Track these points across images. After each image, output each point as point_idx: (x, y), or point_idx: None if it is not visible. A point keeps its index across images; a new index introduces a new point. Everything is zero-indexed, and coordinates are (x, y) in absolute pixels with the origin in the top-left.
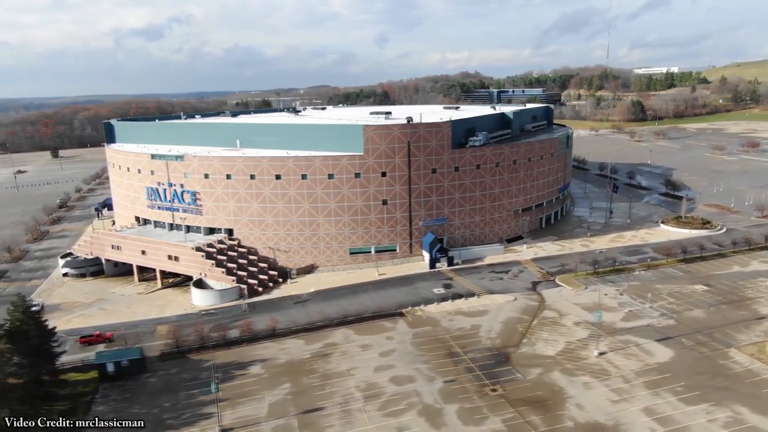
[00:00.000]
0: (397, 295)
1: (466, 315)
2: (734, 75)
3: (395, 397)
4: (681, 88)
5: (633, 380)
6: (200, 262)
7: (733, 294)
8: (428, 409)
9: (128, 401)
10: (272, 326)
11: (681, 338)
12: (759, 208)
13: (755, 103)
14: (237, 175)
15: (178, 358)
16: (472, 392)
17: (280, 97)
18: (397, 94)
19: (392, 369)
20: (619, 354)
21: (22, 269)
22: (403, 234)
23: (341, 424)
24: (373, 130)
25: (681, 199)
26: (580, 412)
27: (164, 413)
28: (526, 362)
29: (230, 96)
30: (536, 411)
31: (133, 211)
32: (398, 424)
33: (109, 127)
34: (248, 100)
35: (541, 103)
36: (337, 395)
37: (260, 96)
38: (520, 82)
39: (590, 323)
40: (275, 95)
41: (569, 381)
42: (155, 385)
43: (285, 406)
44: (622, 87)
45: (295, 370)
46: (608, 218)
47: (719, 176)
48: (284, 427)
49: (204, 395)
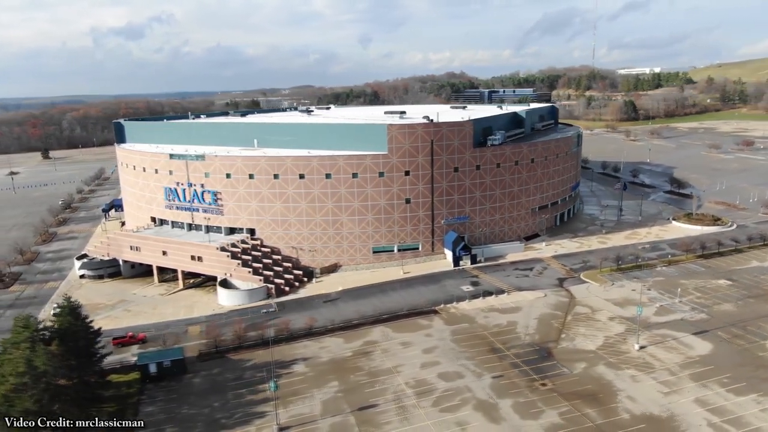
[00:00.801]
0: (427, 293)
1: (500, 312)
2: (717, 75)
3: (447, 393)
4: (668, 88)
5: (678, 373)
6: (225, 262)
7: (758, 288)
8: (483, 404)
9: (176, 402)
10: (309, 325)
11: (716, 331)
12: (765, 204)
13: (743, 103)
14: (260, 175)
15: (217, 358)
16: (523, 387)
17: (267, 97)
18: (386, 94)
19: (438, 365)
20: (660, 347)
21: (36, 271)
22: (425, 232)
23: (399, 421)
24: (397, 129)
25: (686, 197)
26: (633, 405)
27: (216, 413)
28: (569, 357)
29: (214, 96)
30: (589, 404)
31: (148, 211)
32: (456, 420)
33: (119, 126)
34: (236, 100)
35: (533, 102)
36: (388, 392)
37: (244, 96)
38: (509, 82)
39: (624, 318)
40: (261, 95)
41: (615, 374)
42: (200, 386)
43: (338, 403)
44: (609, 87)
45: (340, 368)
46: (620, 216)
47: (719, 174)
48: (341, 424)
49: (252, 395)
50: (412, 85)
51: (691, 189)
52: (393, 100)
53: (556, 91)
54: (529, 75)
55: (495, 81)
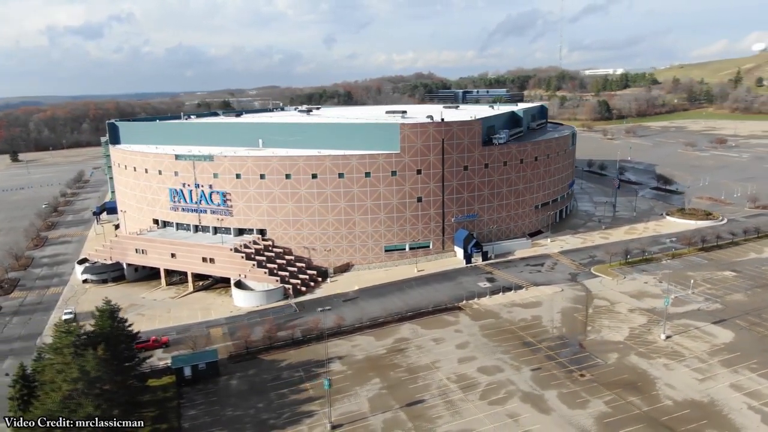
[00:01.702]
0: (445, 290)
1: (522, 307)
2: (680, 76)
3: (491, 387)
4: (637, 89)
5: (708, 360)
6: (239, 264)
7: (762, 278)
8: (529, 396)
9: (218, 404)
10: (339, 324)
11: (734, 320)
12: (751, 199)
13: (709, 103)
14: (272, 175)
15: (248, 360)
16: (563, 378)
17: (235, 97)
18: (359, 94)
19: (475, 360)
20: (684, 337)
21: (35, 277)
22: (436, 231)
23: (450, 415)
24: (409, 129)
25: (673, 193)
26: (673, 392)
27: (262, 414)
28: (600, 348)
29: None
30: (631, 392)
31: (151, 213)
32: (507, 412)
33: (113, 127)
34: (206, 101)
35: (507, 102)
36: (431, 387)
37: (209, 97)
38: (480, 82)
39: (644, 310)
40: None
41: (649, 364)
42: (239, 387)
43: (384, 400)
44: (579, 87)
45: (377, 365)
46: (615, 212)
47: (699, 171)
48: (393, 420)
49: (295, 394)
50: (384, 86)
51: (676, 185)
52: (367, 100)
53: (527, 91)
54: (499, 76)
55: (466, 81)
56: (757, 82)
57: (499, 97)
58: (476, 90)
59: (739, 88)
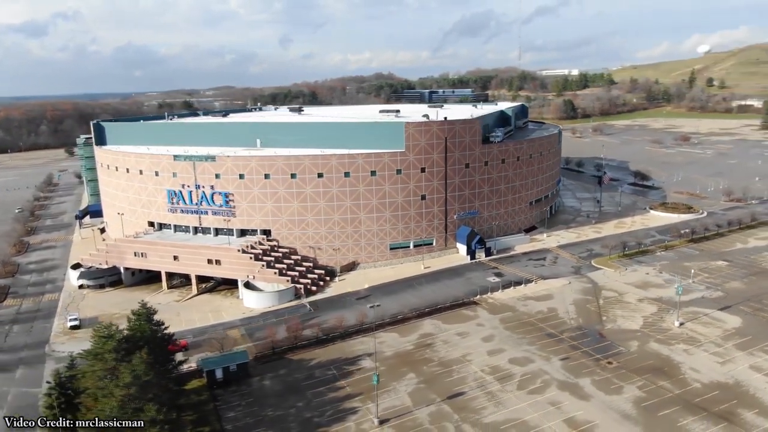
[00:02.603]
0: (455, 286)
1: (536, 300)
2: (635, 76)
3: (527, 377)
4: (595, 89)
5: (723, 344)
6: (248, 265)
7: (754, 267)
8: (565, 384)
9: (256, 405)
10: (361, 321)
11: (738, 306)
12: (726, 193)
13: (667, 102)
14: (276, 175)
15: (275, 360)
16: (592, 366)
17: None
18: (324, 95)
19: (504, 352)
20: (696, 323)
21: (25, 284)
22: (439, 228)
23: (493, 405)
24: (414, 127)
25: (650, 188)
26: (698, 375)
27: (303, 412)
28: (620, 337)
29: (130, 98)
30: (660, 377)
31: (145, 216)
32: (548, 400)
33: (99, 128)
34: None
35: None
36: (468, 380)
37: (162, 97)
38: (444, 83)
39: (652, 299)
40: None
41: (669, 350)
42: (273, 387)
43: (424, 394)
44: (540, 88)
45: (409, 360)
46: (601, 207)
47: (670, 167)
48: (439, 413)
49: (333, 392)
50: (348, 86)
51: (652, 181)
52: (332, 100)
53: (490, 91)
54: (461, 76)
55: (427, 81)
56: (707, 82)
57: (465, 97)
58: (442, 90)
59: (694, 88)
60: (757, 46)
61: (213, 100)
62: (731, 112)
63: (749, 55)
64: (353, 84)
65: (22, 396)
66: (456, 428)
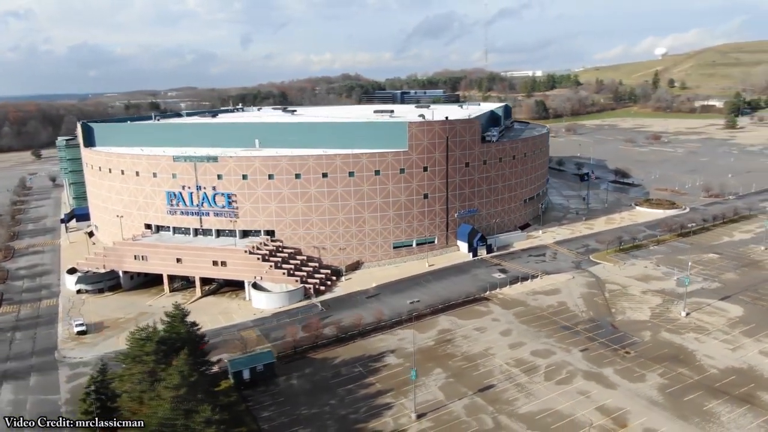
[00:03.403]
0: (463, 283)
1: (544, 294)
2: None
3: (551, 368)
4: (562, 89)
5: (730, 332)
6: (255, 265)
7: (744, 258)
8: (590, 374)
9: (288, 404)
10: (378, 319)
11: (737, 296)
12: (705, 189)
13: (633, 102)
14: (280, 175)
15: (298, 359)
16: (612, 356)
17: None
18: (294, 95)
19: (525, 345)
20: (701, 313)
21: (18, 290)
22: (440, 226)
23: (524, 396)
24: (416, 127)
25: (630, 185)
26: (713, 361)
27: (338, 410)
28: (632, 327)
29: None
30: (678, 365)
31: (142, 218)
32: (576, 390)
33: (87, 129)
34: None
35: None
36: (495, 373)
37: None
38: (414, 83)
39: (655, 291)
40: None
41: (681, 338)
42: (302, 386)
43: (455, 387)
44: (509, 89)
45: (433, 356)
46: (588, 204)
47: (645, 165)
48: (474, 406)
49: (363, 389)
50: (318, 87)
51: (632, 179)
52: (302, 101)
53: (462, 92)
54: (429, 77)
55: (394, 83)
56: (669, 83)
57: (438, 98)
58: (414, 91)
59: (659, 89)
60: (712, 48)
61: (178, 101)
62: (695, 112)
63: (705, 58)
64: (323, 84)
65: (41, 403)
66: (493, 420)
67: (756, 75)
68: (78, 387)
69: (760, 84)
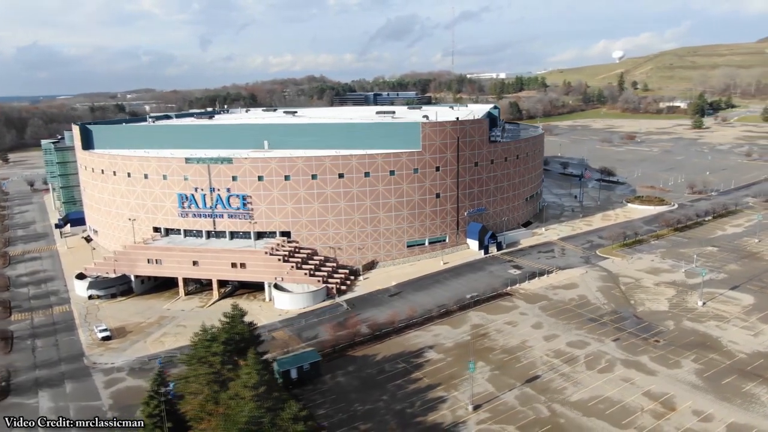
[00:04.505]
0: (482, 279)
1: (563, 288)
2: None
3: (590, 358)
4: (529, 92)
5: (747, 319)
6: (276, 267)
7: (741, 251)
8: (627, 362)
9: (341, 401)
10: (410, 315)
11: (745, 285)
12: (689, 186)
13: (601, 103)
14: (297, 176)
15: (337, 358)
16: (644, 345)
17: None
18: (263, 97)
19: (559, 337)
20: (716, 302)
21: (25, 297)
22: (451, 225)
23: (572, 385)
24: (429, 127)
25: (616, 183)
26: (739, 347)
27: (393, 405)
28: (655, 318)
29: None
30: (707, 350)
31: (150, 221)
32: (620, 377)
33: (85, 131)
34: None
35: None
36: (537, 364)
37: (74, 101)
38: (385, 85)
39: (667, 283)
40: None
41: (704, 326)
42: (350, 383)
43: (502, 379)
44: (478, 91)
45: (472, 350)
46: (582, 202)
47: (625, 164)
48: (525, 396)
49: (412, 384)
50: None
51: (617, 177)
52: (272, 102)
53: (433, 94)
54: (397, 79)
55: (370, 85)
56: (632, 85)
57: (412, 100)
58: (386, 93)
59: (627, 91)
60: (669, 52)
61: (142, 104)
62: (661, 113)
63: (663, 61)
64: (292, 86)
65: (84, 410)
66: (548, 408)
67: (714, 77)
68: (118, 392)
69: (718, 86)
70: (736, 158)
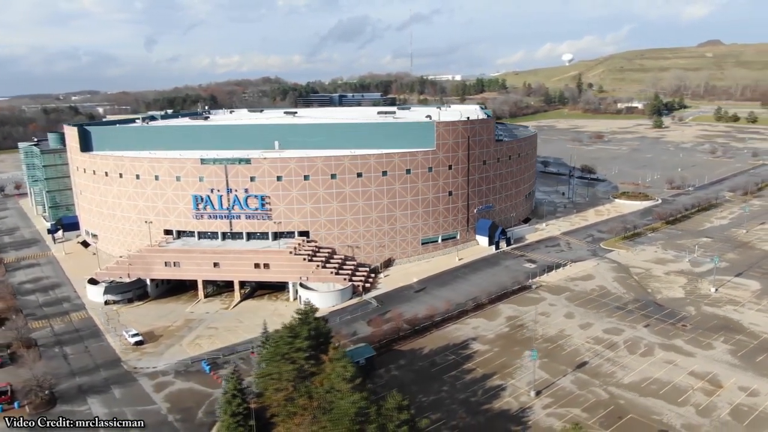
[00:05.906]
0: (501, 273)
1: (582, 280)
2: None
3: (629, 343)
4: (491, 93)
5: (760, 303)
6: (302, 266)
7: (733, 241)
8: (665, 345)
9: (404, 393)
10: (447, 309)
11: (748, 272)
12: (668, 182)
13: (562, 105)
14: (316, 176)
15: (385, 353)
16: (673, 329)
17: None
18: (223, 98)
19: (593, 325)
20: (726, 288)
21: (35, 305)
22: (462, 222)
23: (620, 369)
24: (443, 127)
25: (597, 181)
26: (761, 328)
27: (456, 395)
28: (675, 304)
29: None
30: (733, 332)
31: (161, 224)
32: (663, 359)
33: (84, 133)
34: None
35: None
36: (581, 351)
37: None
38: (347, 86)
39: (677, 272)
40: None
41: (723, 311)
42: (406, 376)
43: (553, 366)
44: (440, 92)
45: (515, 340)
46: (572, 199)
47: (599, 161)
48: (580, 380)
49: (467, 374)
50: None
51: (597, 174)
52: (233, 103)
53: (395, 95)
54: (357, 80)
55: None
56: (588, 86)
57: (378, 101)
58: (351, 94)
59: (586, 92)
60: (618, 55)
61: (94, 105)
62: (621, 113)
63: (613, 64)
64: (253, 88)
65: (142, 414)
66: (605, 391)
67: (665, 80)
68: (170, 395)
69: (670, 87)
70: (701, 156)
